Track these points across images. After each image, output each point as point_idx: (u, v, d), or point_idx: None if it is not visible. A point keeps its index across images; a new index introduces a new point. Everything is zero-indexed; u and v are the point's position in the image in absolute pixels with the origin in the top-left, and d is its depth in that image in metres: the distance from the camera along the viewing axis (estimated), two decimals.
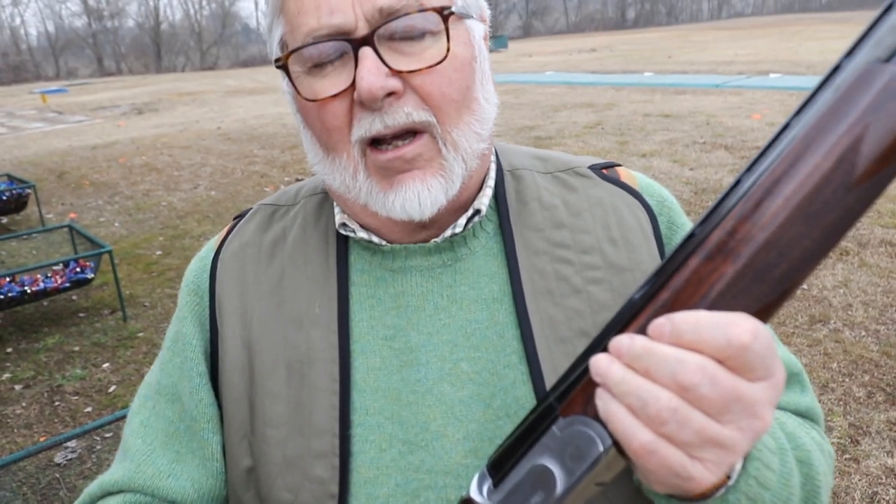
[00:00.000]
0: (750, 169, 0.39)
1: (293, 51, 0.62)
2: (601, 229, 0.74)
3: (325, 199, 0.79)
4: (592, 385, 0.45)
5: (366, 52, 0.60)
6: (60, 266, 4.95)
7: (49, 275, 4.88)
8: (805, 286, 4.52)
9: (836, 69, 0.37)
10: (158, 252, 6.51)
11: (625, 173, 0.81)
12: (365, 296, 0.73)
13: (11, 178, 7.90)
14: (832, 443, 3.04)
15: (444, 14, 0.61)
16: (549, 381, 0.67)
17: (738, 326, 0.41)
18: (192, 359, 0.76)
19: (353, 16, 0.60)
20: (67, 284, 4.82)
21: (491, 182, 0.75)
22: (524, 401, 0.67)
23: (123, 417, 3.67)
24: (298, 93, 0.64)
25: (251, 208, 0.84)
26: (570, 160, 0.82)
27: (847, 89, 0.35)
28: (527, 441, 0.46)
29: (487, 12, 0.72)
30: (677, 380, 0.42)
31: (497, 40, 40.34)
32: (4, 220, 7.98)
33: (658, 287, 0.43)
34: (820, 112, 0.36)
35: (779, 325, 4.04)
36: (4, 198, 7.34)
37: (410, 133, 0.64)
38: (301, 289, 0.73)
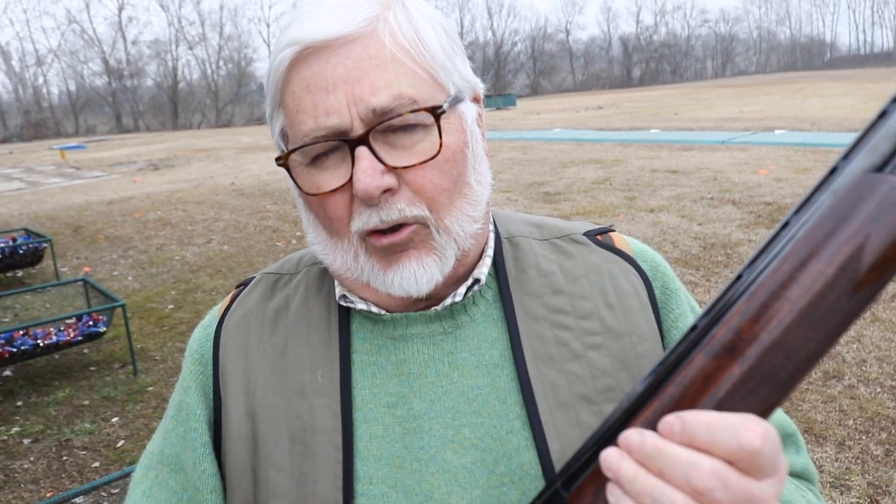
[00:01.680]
0: (751, 265, 0.40)
1: (291, 151, 0.65)
2: (598, 295, 0.76)
3: (326, 269, 0.80)
4: (601, 476, 0.46)
5: (362, 151, 0.62)
6: (73, 319, 5.00)
7: (62, 328, 4.92)
8: None
9: (833, 171, 0.38)
10: (170, 306, 6.56)
11: (619, 239, 0.83)
12: (367, 363, 0.74)
13: (29, 233, 8.04)
14: (850, 503, 2.98)
15: (437, 114, 0.64)
16: (553, 446, 0.67)
17: (750, 430, 0.42)
18: (196, 429, 0.76)
19: (348, 117, 0.62)
20: (80, 338, 4.86)
21: (490, 251, 0.77)
22: (528, 466, 0.68)
23: (131, 474, 3.65)
24: (300, 187, 0.67)
25: (254, 277, 0.85)
26: (566, 227, 0.84)
27: (846, 196, 0.36)
28: None
29: (481, 88, 0.74)
30: (692, 483, 0.43)
31: (506, 98, 41.22)
32: (20, 273, 8.08)
33: (663, 379, 0.43)
34: (821, 216, 0.37)
35: None
36: (21, 251, 7.45)
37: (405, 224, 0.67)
38: (304, 357, 0.74)
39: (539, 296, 0.75)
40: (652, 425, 0.44)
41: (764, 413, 0.41)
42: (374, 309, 0.73)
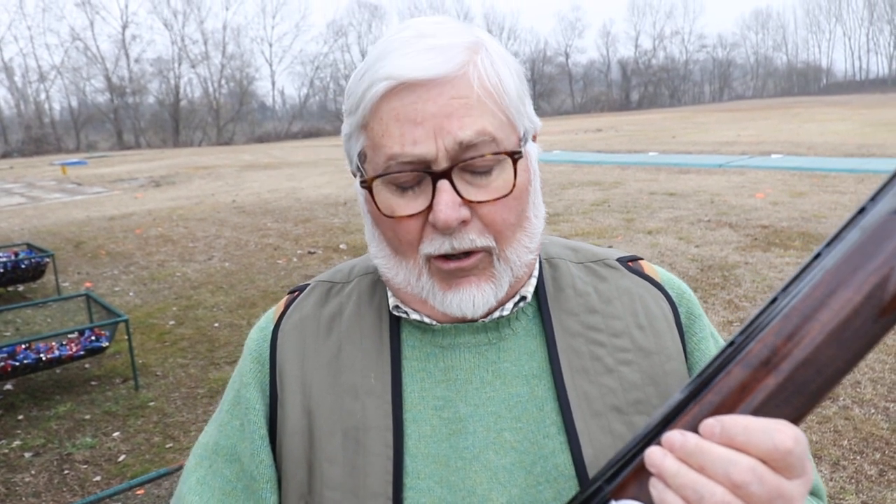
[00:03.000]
0: (786, 289, 0.45)
1: (377, 176, 0.70)
2: (630, 316, 0.82)
3: (377, 278, 0.86)
4: (642, 473, 0.50)
5: (444, 185, 0.68)
6: (76, 334, 5.04)
7: (64, 342, 4.96)
8: None
9: (862, 211, 0.43)
10: (172, 322, 6.60)
11: (647, 266, 0.89)
12: (416, 369, 0.79)
13: (31, 247, 8.09)
14: None
15: (514, 158, 0.70)
16: (587, 450, 0.73)
17: (783, 433, 0.47)
18: (255, 422, 0.81)
19: (434, 148, 0.67)
20: (82, 352, 4.89)
21: (535, 272, 0.83)
22: (563, 468, 0.73)
23: (132, 488, 3.66)
24: (378, 208, 0.72)
25: (308, 284, 0.91)
26: (599, 252, 0.90)
27: (872, 234, 0.41)
28: None
29: (539, 127, 0.80)
30: (731, 478, 0.48)
31: None
32: (21, 287, 8.12)
33: (702, 387, 0.48)
34: (849, 250, 0.41)
35: None
36: (23, 266, 7.50)
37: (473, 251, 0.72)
38: (357, 361, 0.80)
39: (575, 314, 0.82)
40: (692, 429, 0.47)
41: (794, 421, 0.45)
42: (427, 319, 0.79)
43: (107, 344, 5.00)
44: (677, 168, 14.99)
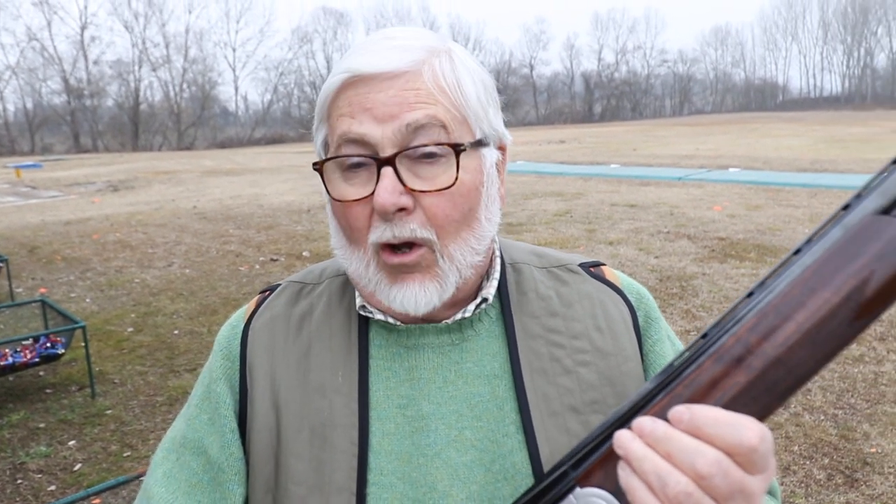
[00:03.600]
0: (763, 284, 0.44)
1: (328, 159, 0.74)
2: (589, 318, 0.85)
3: (347, 280, 0.88)
4: (609, 460, 0.50)
5: (387, 171, 0.70)
6: (30, 341, 4.91)
7: (18, 349, 4.83)
8: None
9: (846, 208, 0.42)
10: (130, 329, 6.47)
11: (609, 272, 0.92)
12: (382, 368, 0.82)
13: None
14: None
15: (458, 150, 0.72)
16: (543, 449, 0.76)
17: (750, 430, 0.48)
18: (225, 416, 0.83)
19: (380, 132, 0.71)
20: (37, 359, 4.77)
21: (496, 274, 0.85)
22: (520, 466, 0.76)
23: (88, 497, 3.59)
24: (329, 192, 0.76)
25: (279, 284, 0.93)
26: (563, 257, 0.93)
27: (855, 234, 0.40)
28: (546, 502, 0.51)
29: (509, 140, 0.83)
30: (696, 468, 0.49)
31: None
32: None
33: (672, 378, 0.47)
34: (831, 248, 0.40)
35: None
36: None
37: (414, 243, 0.74)
38: (325, 360, 0.82)
39: (537, 316, 0.85)
40: (661, 417, 0.47)
41: (761, 418, 0.45)
42: (391, 320, 0.81)
43: (63, 351, 4.89)
44: (638, 180, 15.29)
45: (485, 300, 0.82)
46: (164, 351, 5.81)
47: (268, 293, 0.92)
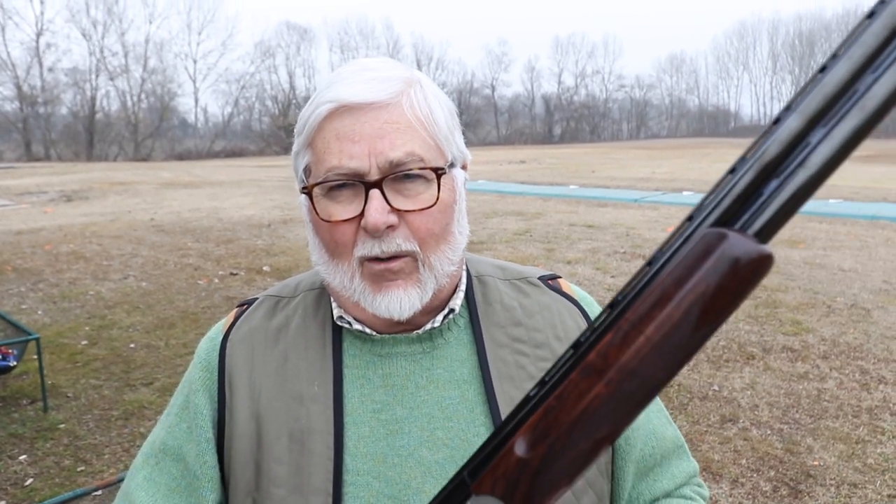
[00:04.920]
0: (624, 293, 0.46)
1: (317, 183, 0.79)
2: (549, 329, 0.92)
3: (321, 293, 0.94)
4: (499, 466, 0.51)
5: (374, 193, 0.77)
6: None
7: None
8: (716, 387, 4.86)
9: (690, 219, 0.44)
10: (84, 342, 6.34)
11: (565, 285, 1.00)
12: (356, 376, 0.87)
13: None
14: None
15: (438, 173, 0.80)
16: None
17: None
18: (202, 426, 0.87)
19: (367, 164, 0.77)
20: None
21: (463, 286, 0.92)
22: None
23: None
24: (317, 213, 0.80)
25: (256, 298, 0.98)
26: (523, 270, 1.01)
27: (693, 248, 0.42)
28: None
29: (469, 158, 0.90)
30: None
31: None
32: None
33: (549, 390, 0.49)
34: (674, 265, 0.42)
35: (693, 424, 4.31)
36: None
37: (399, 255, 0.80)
38: (302, 370, 0.87)
39: (502, 326, 0.92)
40: (541, 431, 0.48)
41: (620, 427, 0.47)
42: (368, 330, 0.87)
43: (15, 363, 4.78)
44: (596, 201, 15.62)
45: (452, 311, 0.89)
46: (119, 364, 5.71)
47: (245, 307, 0.97)
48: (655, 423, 0.97)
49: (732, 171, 0.41)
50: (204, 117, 76.11)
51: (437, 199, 0.80)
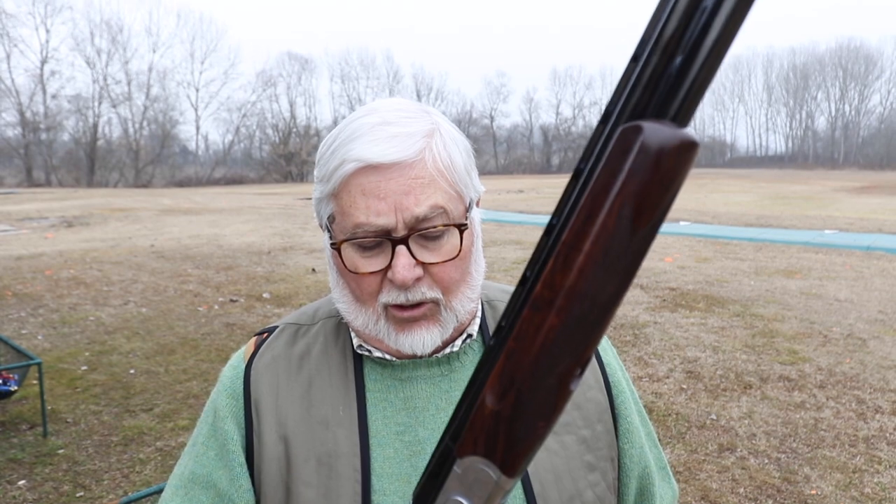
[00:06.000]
0: (557, 214, 0.44)
1: (346, 240, 0.82)
2: None
3: (340, 321, 0.97)
4: (475, 424, 0.49)
5: (401, 249, 0.80)
6: None
7: None
8: (714, 416, 4.88)
9: (605, 120, 0.41)
10: (84, 367, 6.35)
11: None
12: (378, 399, 0.91)
13: None
14: None
15: (461, 229, 0.83)
16: (530, 468, 0.85)
17: None
18: (233, 451, 0.90)
19: (394, 220, 0.79)
20: None
21: (479, 313, 0.96)
22: None
23: None
24: (344, 265, 0.84)
25: (276, 326, 1.01)
26: None
27: (613, 148, 0.40)
28: (438, 479, 0.53)
29: (482, 190, 0.92)
30: None
31: None
32: None
33: (506, 334, 0.47)
34: (601, 169, 0.40)
35: (691, 453, 4.33)
36: None
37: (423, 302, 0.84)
38: (326, 395, 0.91)
39: None
40: (507, 376, 0.47)
41: (582, 356, 0.45)
42: (388, 356, 0.91)
43: (16, 388, 4.79)
44: None
45: (469, 336, 0.95)
46: (119, 390, 5.72)
47: (266, 335, 1.00)
48: (647, 443, 1.02)
49: (635, 58, 0.38)
50: (205, 145, 76.66)
51: (460, 250, 0.84)
